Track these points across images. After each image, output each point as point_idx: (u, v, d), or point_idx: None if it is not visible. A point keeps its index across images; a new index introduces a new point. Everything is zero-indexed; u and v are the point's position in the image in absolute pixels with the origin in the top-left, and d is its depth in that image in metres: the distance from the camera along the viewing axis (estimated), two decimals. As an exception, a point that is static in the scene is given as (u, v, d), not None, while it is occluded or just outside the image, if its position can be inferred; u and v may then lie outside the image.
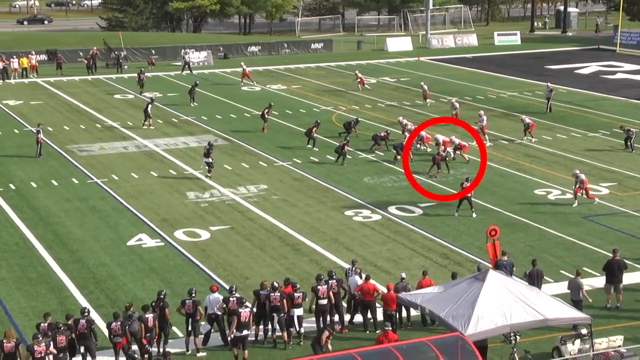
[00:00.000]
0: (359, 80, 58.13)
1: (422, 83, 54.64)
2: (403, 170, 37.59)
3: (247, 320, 21.24)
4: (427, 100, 52.81)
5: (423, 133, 41.28)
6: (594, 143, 43.11)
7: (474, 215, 31.50)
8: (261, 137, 44.77)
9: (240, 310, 21.28)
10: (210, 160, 36.82)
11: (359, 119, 45.42)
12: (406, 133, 41.92)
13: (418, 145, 40.97)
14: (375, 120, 48.41)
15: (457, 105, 47.21)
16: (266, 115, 45.29)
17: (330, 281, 22.78)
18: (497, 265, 24.04)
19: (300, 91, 58.56)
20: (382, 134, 41.56)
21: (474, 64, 71.25)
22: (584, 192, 32.99)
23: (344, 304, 23.49)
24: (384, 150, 40.69)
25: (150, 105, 46.94)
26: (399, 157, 38.79)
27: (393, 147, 39.62)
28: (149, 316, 21.04)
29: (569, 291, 23.28)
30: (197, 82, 54.86)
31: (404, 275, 23.50)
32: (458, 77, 64.03)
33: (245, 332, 21.21)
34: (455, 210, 31.77)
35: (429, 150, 40.50)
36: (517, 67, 69.68)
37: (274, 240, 29.77)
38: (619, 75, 64.82)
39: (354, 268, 23.70)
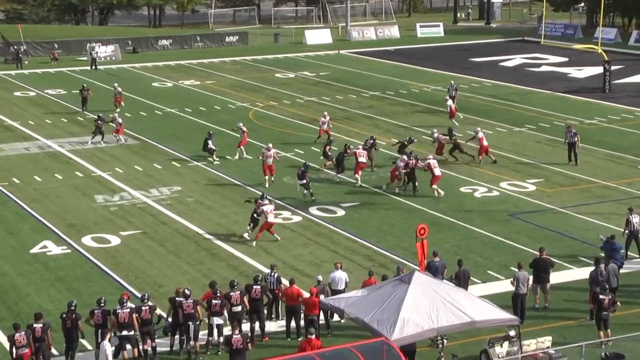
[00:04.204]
0: (117, 96, 49.73)
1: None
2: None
3: (126, 320, 21.23)
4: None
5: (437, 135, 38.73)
6: (520, 138, 43.93)
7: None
8: (173, 136, 44.40)
9: (119, 310, 21.29)
10: (305, 181, 33.86)
11: (413, 138, 39.78)
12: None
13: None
14: (294, 117, 48.46)
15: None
16: (328, 153, 38.08)
17: (254, 286, 22.75)
18: (428, 266, 24.25)
19: (215, 87, 58.29)
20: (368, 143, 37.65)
21: (396, 57, 71.89)
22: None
23: (265, 311, 23.47)
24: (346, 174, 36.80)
25: (210, 141, 39.89)
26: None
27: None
28: (37, 326, 20.73)
29: (512, 287, 23.60)
30: (85, 85, 50.93)
31: (320, 278, 23.61)
32: (380, 71, 64.56)
33: (125, 332, 21.28)
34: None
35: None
36: (440, 60, 70.57)
37: (189, 244, 29.57)
38: (544, 68, 66.20)
39: (272, 273, 23.70)
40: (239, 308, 22.44)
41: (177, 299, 22.07)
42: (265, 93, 56.09)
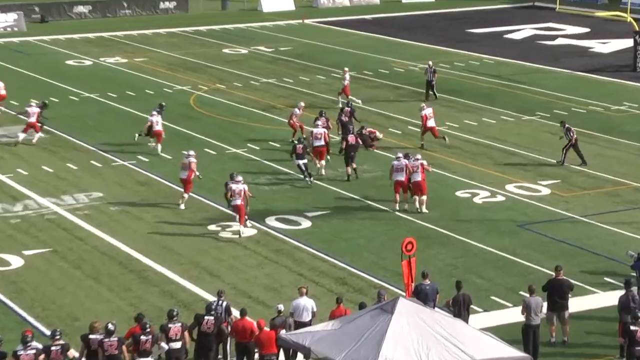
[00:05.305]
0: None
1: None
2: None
3: None
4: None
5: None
6: (529, 128, 44.11)
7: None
8: (93, 128, 44.13)
9: (21, 352, 20.78)
10: (306, 161, 35.79)
11: (351, 104, 42.87)
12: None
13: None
14: (246, 104, 48.34)
15: (300, 111, 42.06)
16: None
17: (207, 317, 22.60)
18: (416, 291, 24.19)
19: (147, 66, 58.22)
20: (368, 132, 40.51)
21: (375, 28, 72.06)
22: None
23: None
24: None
25: (160, 115, 40.70)
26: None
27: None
28: None
29: (522, 317, 23.65)
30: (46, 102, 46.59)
31: (281, 307, 23.51)
32: (354, 45, 64.66)
33: None
34: None
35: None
36: (430, 31, 70.85)
37: (112, 266, 29.41)
38: (559, 41, 66.64)
39: (220, 302, 23.54)
40: (179, 344, 22.26)
41: (91, 336, 21.74)
42: (209, 73, 56.06)
